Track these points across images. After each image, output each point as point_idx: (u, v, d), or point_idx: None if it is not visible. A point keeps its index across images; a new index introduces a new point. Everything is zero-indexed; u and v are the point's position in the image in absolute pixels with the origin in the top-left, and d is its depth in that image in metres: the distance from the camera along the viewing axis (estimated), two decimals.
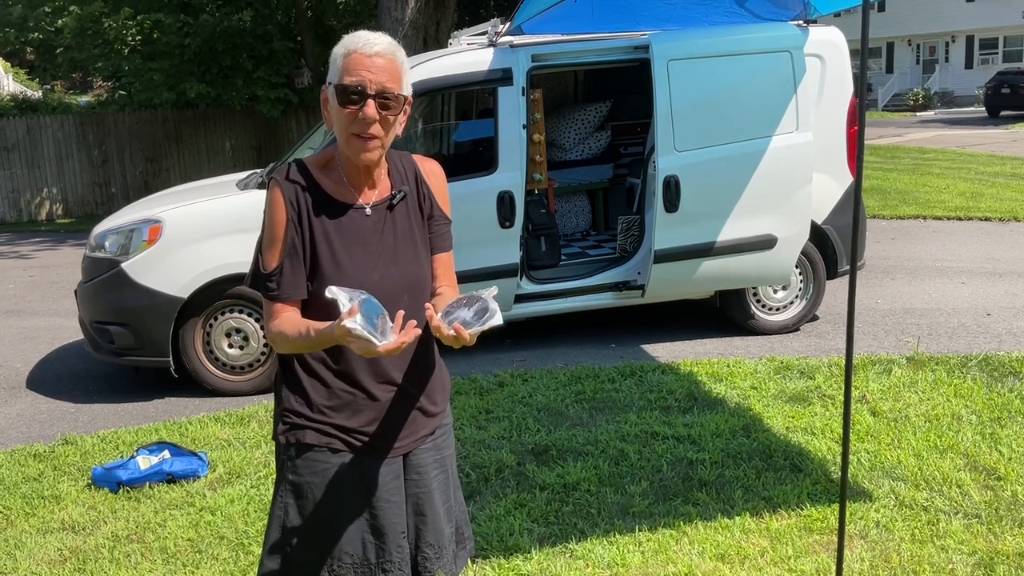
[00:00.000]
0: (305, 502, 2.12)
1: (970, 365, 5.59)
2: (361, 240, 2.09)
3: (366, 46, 2.00)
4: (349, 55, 2.01)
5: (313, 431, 2.11)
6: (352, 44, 2.02)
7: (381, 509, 2.13)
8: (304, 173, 2.09)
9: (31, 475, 4.65)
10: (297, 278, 2.06)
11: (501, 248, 5.97)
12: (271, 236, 2.06)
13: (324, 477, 2.11)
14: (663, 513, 3.88)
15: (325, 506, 2.12)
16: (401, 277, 2.12)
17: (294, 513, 2.13)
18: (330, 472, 2.11)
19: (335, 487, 2.12)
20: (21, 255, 12.49)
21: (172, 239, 5.67)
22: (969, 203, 12.18)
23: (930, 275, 8.30)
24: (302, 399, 2.12)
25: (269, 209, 2.06)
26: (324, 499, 2.12)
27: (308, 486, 2.12)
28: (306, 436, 2.12)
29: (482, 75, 5.96)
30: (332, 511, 2.12)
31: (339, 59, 2.03)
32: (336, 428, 2.11)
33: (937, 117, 33.83)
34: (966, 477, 4.08)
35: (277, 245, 2.05)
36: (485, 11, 23.06)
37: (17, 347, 7.33)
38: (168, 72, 15.57)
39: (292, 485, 2.13)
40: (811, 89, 6.21)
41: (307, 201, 2.06)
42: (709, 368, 5.75)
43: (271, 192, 2.07)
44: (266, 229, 2.07)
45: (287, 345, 2.05)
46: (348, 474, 2.12)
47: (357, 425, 2.12)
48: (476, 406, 5.26)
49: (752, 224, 6.13)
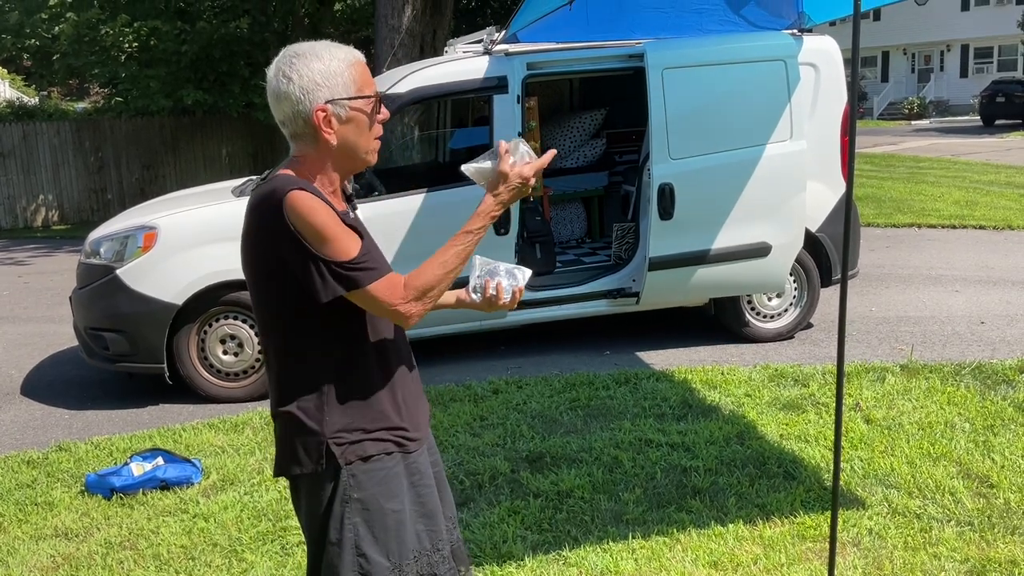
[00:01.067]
0: (373, 515, 2.09)
1: (964, 373, 5.61)
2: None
3: (359, 54, 2.04)
4: (356, 64, 2.03)
5: (370, 442, 2.09)
6: (350, 54, 2.03)
7: (426, 496, 2.18)
8: (308, 184, 2.01)
9: (24, 482, 4.64)
10: (380, 251, 2.04)
11: (496, 255, 5.93)
12: (333, 229, 1.94)
13: (386, 484, 2.10)
14: (657, 520, 3.88)
15: (391, 512, 2.11)
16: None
17: (365, 531, 2.09)
18: (389, 477, 2.11)
19: (398, 490, 2.12)
20: (16, 261, 12.48)
21: (167, 246, 5.68)
22: (964, 211, 12.22)
23: (924, 283, 8.32)
24: (353, 414, 2.09)
25: (309, 214, 1.92)
26: (388, 505, 2.11)
27: (374, 498, 2.09)
28: (367, 449, 2.09)
29: (477, 83, 5.98)
30: (396, 514, 2.12)
31: (345, 72, 2.01)
32: (387, 431, 2.12)
33: (932, 126, 33.95)
34: (959, 485, 4.08)
35: (344, 231, 1.96)
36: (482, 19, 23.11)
37: (12, 353, 7.32)
38: (165, 79, 15.56)
39: (360, 503, 2.08)
40: (805, 98, 6.24)
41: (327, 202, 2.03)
42: (703, 375, 5.76)
43: (301, 198, 1.93)
44: (321, 228, 1.93)
45: (439, 288, 2.02)
46: (401, 472, 2.14)
47: (401, 423, 2.14)
48: (470, 413, 5.26)
49: (746, 232, 6.15)
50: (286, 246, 1.94)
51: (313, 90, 1.99)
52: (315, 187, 2.01)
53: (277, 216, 1.93)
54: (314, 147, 2.06)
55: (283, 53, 2.05)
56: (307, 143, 2.05)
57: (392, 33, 11.93)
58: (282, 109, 2.02)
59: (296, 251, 1.94)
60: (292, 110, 2.00)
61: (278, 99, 2.01)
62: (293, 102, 1.99)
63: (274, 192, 1.95)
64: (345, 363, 2.07)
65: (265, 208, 1.96)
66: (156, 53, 15.39)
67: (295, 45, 2.06)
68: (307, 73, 1.99)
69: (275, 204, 1.94)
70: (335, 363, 2.07)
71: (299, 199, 1.93)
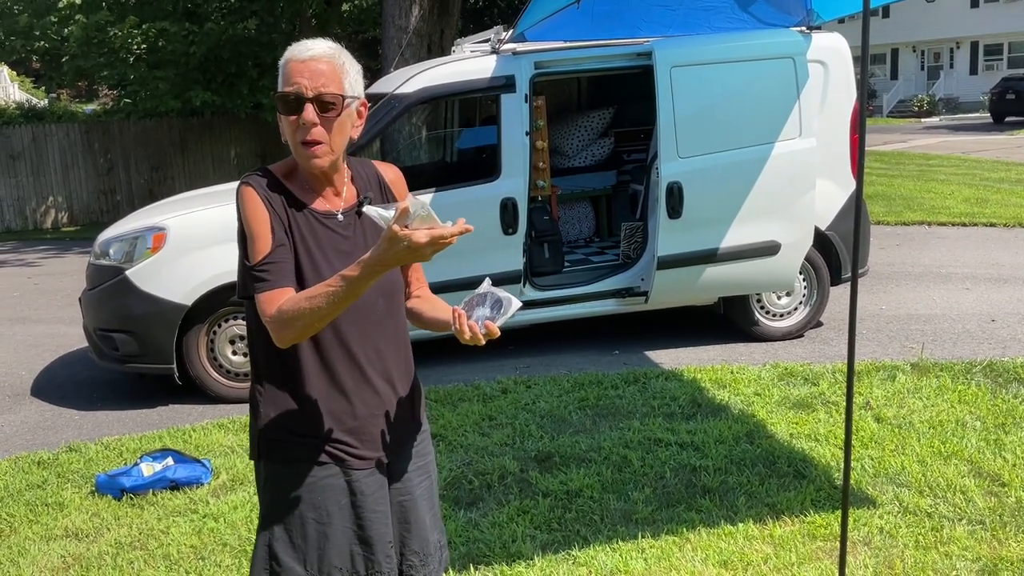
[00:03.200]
0: (291, 519, 2.07)
1: (974, 371, 5.58)
2: (335, 245, 2.06)
3: (300, 52, 2.00)
4: (287, 64, 2.01)
5: (297, 446, 2.07)
6: (289, 53, 2.02)
7: (368, 520, 2.10)
8: (271, 178, 2.05)
9: (35, 482, 4.65)
10: (288, 265, 1.99)
11: (504, 255, 5.97)
12: (254, 230, 1.99)
13: (311, 492, 2.07)
14: (666, 520, 3.87)
15: (313, 522, 2.07)
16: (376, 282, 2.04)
17: (280, 532, 2.08)
18: (316, 486, 2.07)
19: (323, 501, 2.07)
20: (27, 263, 12.53)
21: (176, 246, 5.69)
22: (974, 209, 12.16)
23: (935, 281, 8.29)
24: (283, 413, 2.07)
25: (245, 207, 2.00)
26: (311, 515, 2.07)
27: (293, 502, 2.07)
28: (292, 452, 2.07)
29: (485, 82, 5.98)
30: (320, 526, 2.07)
31: (280, 69, 2.03)
32: (321, 440, 2.07)
33: (942, 123, 33.81)
34: (970, 483, 4.06)
35: (263, 236, 1.99)
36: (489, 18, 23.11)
37: (22, 355, 7.35)
38: (173, 80, 15.60)
39: (277, 504, 2.08)
40: (814, 95, 6.21)
41: (282, 204, 2.02)
42: (712, 374, 5.75)
43: (243, 192, 2.01)
44: (246, 226, 2.00)
45: (302, 322, 1.88)
46: (334, 486, 2.08)
47: (342, 436, 2.08)
48: (479, 413, 5.25)
49: (755, 230, 6.13)
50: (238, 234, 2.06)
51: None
52: (275, 179, 2.05)
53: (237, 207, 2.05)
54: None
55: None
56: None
57: (399, 33, 11.94)
58: None
59: (239, 240, 2.06)
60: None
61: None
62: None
63: (240, 182, 2.06)
64: (286, 362, 2.06)
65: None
66: (164, 54, 15.43)
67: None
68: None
69: (238, 194, 2.05)
70: (280, 360, 2.06)
71: (242, 192, 2.03)
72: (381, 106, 5.95)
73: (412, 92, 5.94)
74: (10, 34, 15.26)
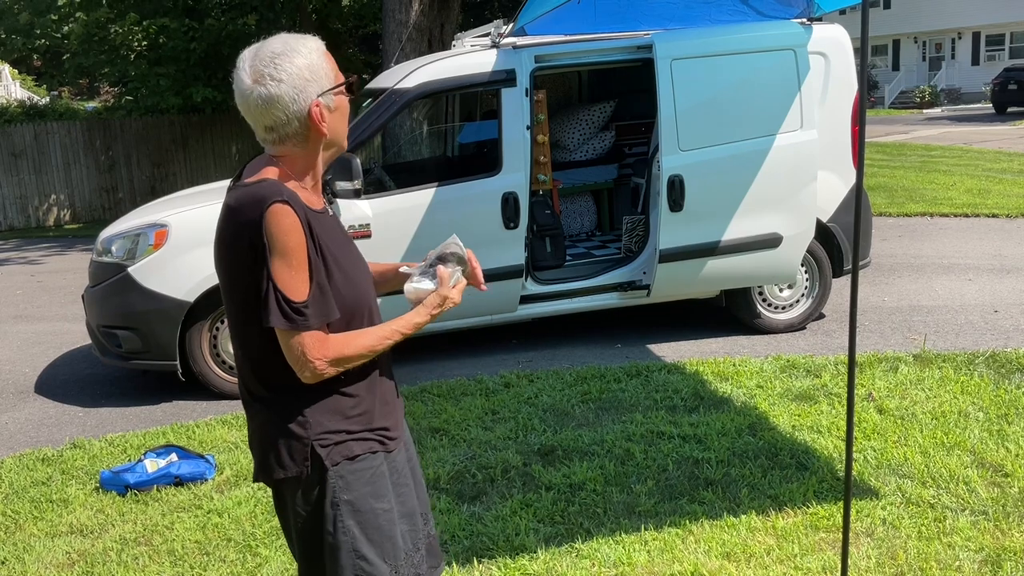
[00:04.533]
0: (365, 516, 2.07)
1: (977, 362, 5.58)
2: (343, 240, 2.09)
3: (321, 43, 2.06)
4: (327, 53, 2.04)
5: (356, 441, 2.08)
6: (320, 44, 2.04)
7: (404, 495, 2.19)
8: (288, 190, 1.97)
9: (39, 479, 4.67)
10: (330, 298, 1.99)
11: (506, 249, 5.97)
12: (293, 261, 1.92)
13: (373, 484, 2.10)
14: (669, 512, 3.88)
15: (382, 512, 2.10)
16: (366, 267, 2.19)
17: (359, 532, 2.07)
18: (376, 476, 2.11)
19: (383, 489, 2.12)
20: (29, 261, 12.55)
21: (178, 243, 5.69)
22: (976, 200, 12.14)
23: (937, 272, 8.28)
24: (334, 415, 2.06)
25: (281, 232, 1.90)
26: (380, 505, 2.10)
27: (364, 498, 2.07)
28: (352, 449, 2.07)
29: (486, 77, 5.97)
30: (386, 513, 2.11)
31: (324, 63, 2.00)
32: (371, 431, 2.11)
33: (944, 114, 33.72)
34: (973, 474, 4.07)
35: (303, 270, 1.93)
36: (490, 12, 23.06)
37: (25, 352, 7.37)
38: (174, 77, 15.61)
39: (350, 504, 2.06)
40: (815, 87, 6.20)
41: (306, 217, 1.96)
42: (715, 367, 5.75)
43: (283, 215, 1.91)
44: (283, 256, 1.91)
45: (354, 363, 2.03)
46: (385, 472, 2.14)
47: (384, 423, 2.15)
48: (482, 407, 5.26)
49: (757, 223, 6.12)
50: (259, 254, 1.92)
51: (304, 87, 1.96)
52: (296, 195, 1.96)
53: (258, 222, 1.91)
54: (303, 145, 2.02)
55: (255, 55, 1.97)
56: (296, 142, 2.01)
57: (400, 28, 11.93)
58: (273, 114, 1.96)
59: (261, 263, 1.93)
60: (285, 112, 1.95)
61: (268, 103, 1.94)
62: (287, 103, 1.95)
63: (262, 199, 1.92)
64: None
65: (248, 211, 1.92)
66: (165, 51, 15.44)
67: (262, 45, 1.99)
68: (295, 71, 1.94)
69: (259, 211, 1.90)
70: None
71: (281, 215, 1.90)
72: (381, 101, 5.94)
73: (412, 87, 5.94)
74: (11, 32, 15.30)
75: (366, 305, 2.11)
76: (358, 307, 2.08)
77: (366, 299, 2.11)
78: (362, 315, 2.09)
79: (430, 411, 5.24)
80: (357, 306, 2.07)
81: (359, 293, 2.08)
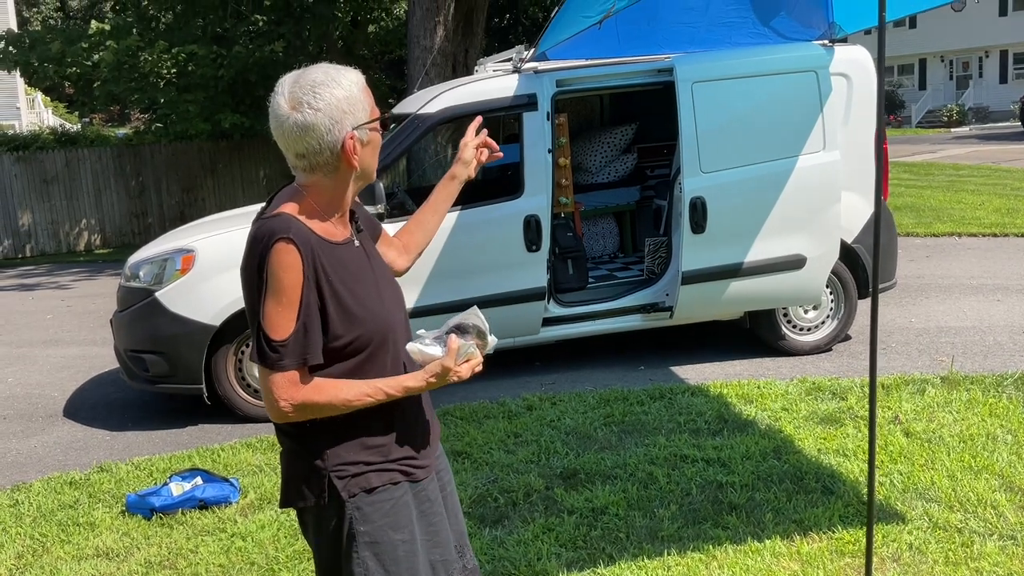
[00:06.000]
0: (383, 548, 2.05)
1: (1006, 384, 5.51)
2: (364, 272, 2.09)
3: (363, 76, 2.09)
4: (366, 88, 2.06)
5: (375, 473, 2.06)
6: (360, 78, 2.06)
7: (436, 524, 2.17)
8: (299, 225, 1.99)
9: (67, 502, 4.72)
10: (316, 340, 1.97)
11: (528, 272, 5.99)
12: (282, 299, 1.94)
13: (393, 515, 2.07)
14: (692, 537, 3.85)
15: (401, 543, 2.07)
16: (395, 294, 2.18)
17: (375, 565, 2.05)
18: (397, 508, 2.08)
19: (405, 520, 2.09)
20: (60, 285, 12.72)
21: (205, 268, 5.76)
22: (1004, 219, 12.02)
23: (965, 293, 8.19)
24: (353, 445, 2.06)
25: (279, 269, 1.93)
26: (399, 536, 2.07)
27: (382, 530, 2.05)
28: (370, 480, 2.06)
29: (507, 101, 6.01)
30: (407, 544, 2.08)
31: (362, 97, 2.02)
32: (391, 462, 2.09)
33: (972, 133, 33.45)
34: (1001, 498, 4.01)
35: (291, 309, 1.94)
36: (514, 37, 23.24)
37: (54, 376, 7.46)
38: (203, 103, 15.81)
39: (367, 536, 2.04)
40: (838, 108, 6.19)
41: (318, 252, 1.98)
42: (739, 390, 5.72)
43: (283, 252, 1.94)
44: (273, 291, 1.94)
45: (325, 414, 2.00)
46: (409, 502, 2.11)
47: (407, 451, 2.12)
48: (505, 430, 5.26)
49: (781, 244, 6.10)
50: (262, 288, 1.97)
51: (341, 119, 1.98)
52: (305, 232, 1.98)
53: (263, 257, 1.95)
54: (332, 175, 2.04)
55: (295, 82, 1.99)
56: (326, 172, 2.03)
57: (424, 53, 12.05)
58: (306, 142, 1.98)
59: (259, 295, 1.97)
60: (319, 141, 1.98)
61: (304, 131, 1.97)
62: (322, 132, 1.97)
63: (272, 233, 1.96)
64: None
65: (259, 245, 1.97)
66: (194, 78, 15.64)
67: (303, 73, 2.02)
68: (333, 102, 1.97)
69: (266, 245, 1.95)
70: None
71: (282, 252, 1.94)
72: (405, 126, 6.00)
73: (435, 112, 5.99)
74: (43, 61, 15.55)
75: (388, 332, 2.08)
76: (377, 336, 2.06)
77: (386, 327, 2.08)
78: (382, 344, 2.07)
79: (452, 434, 5.24)
80: (376, 335, 2.05)
81: (378, 323, 2.06)
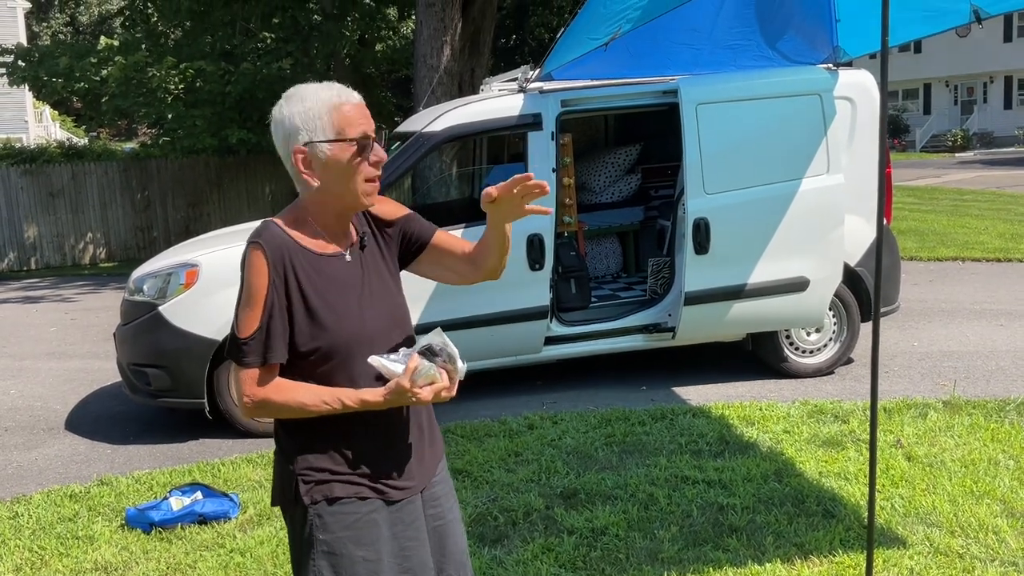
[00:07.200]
0: (340, 560, 2.04)
1: (1008, 409, 5.49)
2: (348, 285, 2.10)
3: (350, 96, 2.06)
4: (338, 108, 2.03)
5: (339, 483, 2.06)
6: (333, 98, 2.04)
7: (411, 550, 2.12)
8: (278, 233, 2.06)
9: (66, 515, 4.71)
10: (278, 341, 2.02)
11: (531, 290, 6.00)
12: (250, 300, 2.02)
13: (356, 529, 2.06)
14: (693, 559, 3.83)
15: (362, 560, 2.05)
16: (388, 312, 2.15)
17: (328, 574, 2.05)
18: (362, 523, 2.06)
19: (370, 537, 2.07)
20: (64, 298, 12.75)
21: (208, 282, 5.78)
22: (1008, 244, 12.02)
23: (968, 317, 8.19)
24: (322, 453, 2.07)
25: (248, 272, 2.02)
26: (360, 553, 2.05)
27: (341, 542, 2.05)
28: (333, 490, 2.06)
29: (512, 120, 6.04)
30: (369, 563, 2.06)
31: (325, 115, 2.02)
32: (361, 476, 2.08)
33: (976, 158, 33.50)
34: (1003, 523, 3.99)
35: (256, 309, 2.01)
36: (520, 57, 23.35)
37: (57, 389, 7.46)
38: (210, 119, 15.88)
39: (325, 545, 2.04)
40: (842, 132, 6.21)
41: (290, 258, 2.03)
42: (741, 411, 5.71)
43: (251, 255, 2.03)
44: (244, 293, 2.03)
45: (284, 415, 2.05)
46: (377, 520, 2.08)
47: (382, 469, 2.10)
48: (505, 448, 5.25)
49: (784, 266, 6.11)
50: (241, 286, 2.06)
51: (294, 133, 2.04)
52: (286, 236, 2.05)
53: (242, 260, 2.07)
54: (304, 187, 2.09)
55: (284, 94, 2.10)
56: (299, 183, 2.10)
57: (431, 72, 12.11)
58: (279, 148, 2.09)
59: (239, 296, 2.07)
60: (281, 151, 2.08)
61: (275, 138, 2.09)
62: (281, 143, 2.07)
63: (251, 239, 2.06)
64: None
65: (245, 250, 2.07)
66: (201, 94, 15.73)
67: (295, 86, 2.10)
68: (289, 115, 2.04)
69: (246, 250, 2.06)
70: None
71: (251, 256, 2.04)
72: (409, 144, 6.03)
73: (440, 130, 6.02)
74: (52, 75, 15.65)
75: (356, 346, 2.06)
76: (344, 347, 2.06)
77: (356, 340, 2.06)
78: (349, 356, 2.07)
79: (453, 452, 5.24)
80: (343, 346, 2.06)
81: (347, 335, 2.06)
